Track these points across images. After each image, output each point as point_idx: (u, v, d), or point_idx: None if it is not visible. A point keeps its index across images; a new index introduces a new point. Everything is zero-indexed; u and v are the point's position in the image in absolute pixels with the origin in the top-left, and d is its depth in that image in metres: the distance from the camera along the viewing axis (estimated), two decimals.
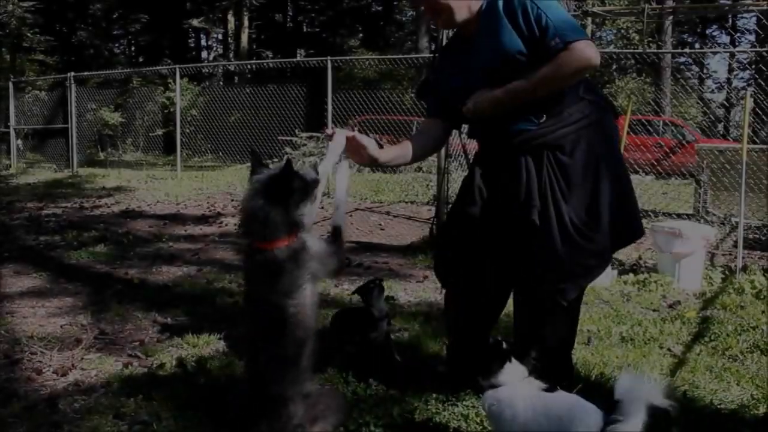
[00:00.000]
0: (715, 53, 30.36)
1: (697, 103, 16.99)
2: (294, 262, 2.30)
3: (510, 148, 2.54)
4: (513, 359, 2.16)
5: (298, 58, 22.29)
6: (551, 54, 2.37)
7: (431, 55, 3.35)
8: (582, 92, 2.53)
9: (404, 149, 2.75)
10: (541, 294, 2.58)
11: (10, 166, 15.78)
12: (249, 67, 20.22)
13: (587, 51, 2.36)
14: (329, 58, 11.54)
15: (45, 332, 3.77)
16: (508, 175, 2.54)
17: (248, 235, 2.36)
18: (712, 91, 30.11)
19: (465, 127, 3.05)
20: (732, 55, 24.83)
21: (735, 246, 5.88)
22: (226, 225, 7.95)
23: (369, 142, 2.59)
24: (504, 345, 2.18)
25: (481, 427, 2.52)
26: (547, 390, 2.17)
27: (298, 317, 2.32)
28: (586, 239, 2.49)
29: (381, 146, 2.66)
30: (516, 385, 2.14)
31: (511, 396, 2.12)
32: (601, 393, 2.78)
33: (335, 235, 2.46)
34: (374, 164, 2.73)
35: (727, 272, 5.32)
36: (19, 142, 16.88)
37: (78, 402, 2.81)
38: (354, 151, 2.62)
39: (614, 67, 25.53)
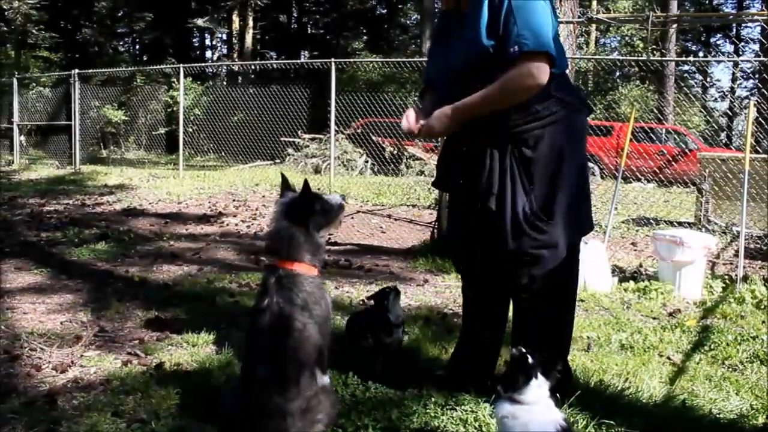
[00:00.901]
0: (719, 62, 30.38)
1: (700, 111, 16.98)
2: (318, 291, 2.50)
3: (476, 138, 2.60)
4: (539, 375, 2.14)
5: (302, 60, 22.32)
6: (505, 60, 2.41)
7: None
8: (553, 90, 2.55)
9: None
10: (504, 278, 2.70)
11: (13, 162, 15.80)
12: (253, 67, 20.23)
13: (533, 70, 2.40)
14: (333, 60, 11.55)
15: (45, 329, 3.77)
16: (473, 164, 2.62)
17: (273, 253, 2.52)
18: (716, 100, 30.18)
19: None
20: (736, 64, 24.88)
21: (736, 255, 5.89)
22: (228, 225, 7.96)
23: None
24: (530, 359, 2.16)
25: None
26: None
27: (304, 334, 2.37)
28: (536, 230, 2.56)
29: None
30: (535, 407, 2.12)
31: (528, 418, 2.10)
32: (600, 400, 2.79)
33: None
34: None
35: (727, 281, 5.32)
36: (22, 138, 16.89)
37: (77, 399, 2.81)
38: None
39: (618, 74, 25.57)
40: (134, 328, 3.84)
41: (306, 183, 2.48)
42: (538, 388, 2.14)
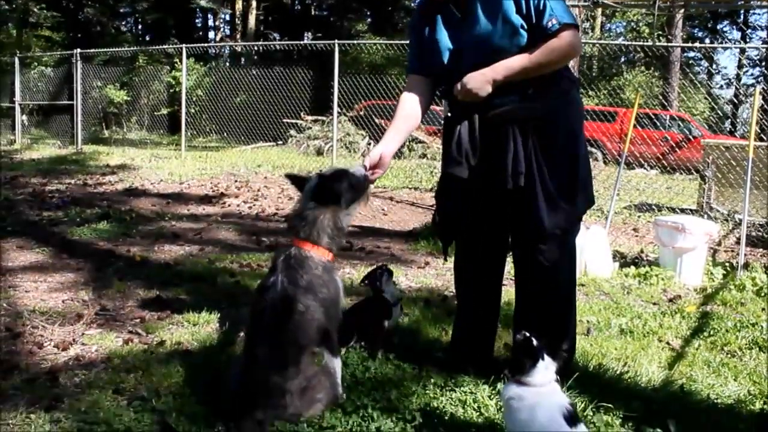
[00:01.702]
0: (725, 48, 30.22)
1: (705, 98, 16.89)
2: (328, 273, 2.50)
3: (495, 118, 2.61)
4: (546, 357, 2.15)
5: (306, 41, 22.19)
6: (544, 35, 2.48)
7: None
8: (563, 70, 2.68)
9: (408, 124, 2.86)
10: (525, 254, 2.74)
11: (15, 142, 15.78)
12: (256, 48, 20.09)
13: (574, 39, 2.55)
14: (336, 41, 11.48)
15: (47, 307, 3.79)
16: (495, 145, 2.63)
17: (292, 232, 2.54)
18: (721, 87, 30.01)
19: None
20: (742, 50, 24.75)
21: (737, 243, 5.89)
22: (229, 206, 7.96)
23: (385, 158, 2.72)
24: (534, 342, 2.18)
25: (477, 413, 2.53)
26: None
27: (305, 317, 2.40)
28: (567, 202, 2.64)
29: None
30: (542, 390, 2.13)
31: (534, 400, 2.11)
32: (599, 384, 2.80)
33: None
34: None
35: (728, 268, 5.32)
36: (24, 117, 16.86)
37: (78, 376, 2.83)
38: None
39: (623, 59, 25.42)
40: (135, 307, 3.85)
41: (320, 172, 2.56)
42: (545, 369, 2.15)
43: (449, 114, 2.85)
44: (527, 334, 2.22)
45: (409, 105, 2.82)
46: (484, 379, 2.76)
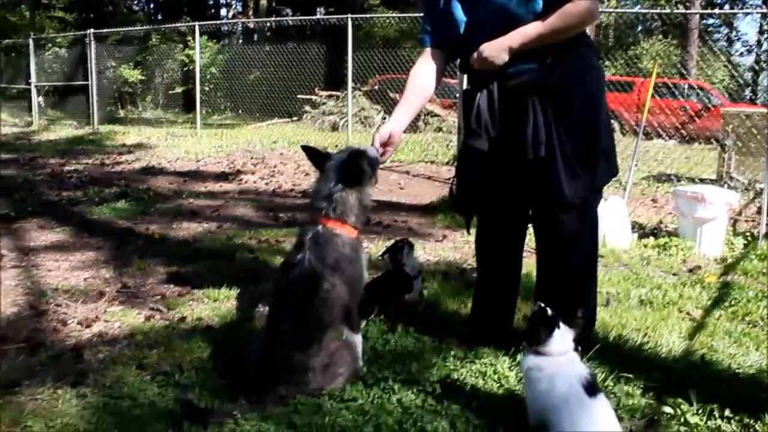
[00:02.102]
0: (746, 14, 29.61)
1: (725, 66, 16.61)
2: (353, 251, 2.52)
3: (514, 88, 2.58)
4: (562, 326, 2.16)
5: (318, 16, 22.04)
6: (559, 0, 2.43)
7: None
8: (581, 36, 2.63)
9: (420, 98, 2.85)
10: (545, 225, 2.73)
11: (32, 123, 15.90)
12: (268, 24, 20.00)
13: (591, 4, 2.48)
14: (350, 15, 11.40)
15: (69, 285, 3.83)
16: (514, 116, 2.59)
17: (317, 211, 2.53)
18: (741, 54, 29.46)
19: None
20: (764, 15, 24.21)
21: (759, 212, 5.81)
22: (246, 182, 7.99)
23: (395, 134, 2.75)
24: (549, 311, 2.19)
25: (497, 384, 2.54)
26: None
27: (331, 295, 2.42)
28: (588, 172, 2.61)
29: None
30: (560, 359, 2.14)
31: (553, 370, 2.12)
32: (619, 354, 2.80)
33: None
34: None
35: (749, 238, 5.26)
36: (40, 99, 16.95)
37: (102, 352, 2.87)
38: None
39: (640, 28, 25.01)
40: (156, 284, 3.89)
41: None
42: (562, 337, 2.15)
43: (468, 87, 2.82)
44: (542, 305, 2.22)
45: (421, 79, 2.80)
46: (504, 350, 2.77)
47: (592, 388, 2.08)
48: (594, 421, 2.03)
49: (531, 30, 2.47)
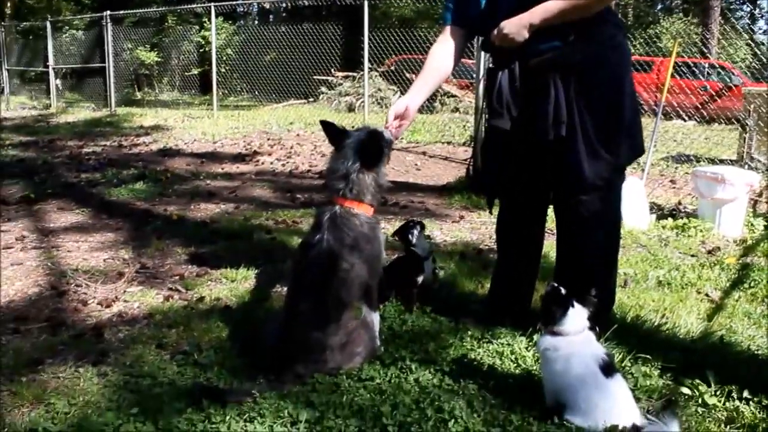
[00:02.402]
0: None
1: (747, 44, 16.31)
2: (371, 230, 2.52)
3: (536, 66, 2.55)
4: (576, 305, 2.16)
5: None
6: None
7: None
8: (606, 14, 2.56)
9: (437, 76, 2.83)
10: (566, 206, 2.70)
11: (50, 106, 16.00)
12: (284, 5, 19.91)
13: None
14: None
15: (89, 266, 3.88)
16: (536, 94, 2.56)
17: (334, 191, 2.53)
18: (765, 32, 28.92)
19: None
20: None
21: None
22: (263, 163, 8.01)
23: (411, 110, 2.72)
24: (563, 291, 2.19)
25: (515, 364, 2.54)
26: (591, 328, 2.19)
27: (350, 275, 2.43)
28: (609, 152, 2.58)
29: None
30: (576, 338, 2.15)
31: (569, 350, 2.12)
32: (636, 335, 2.79)
33: None
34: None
35: None
36: (58, 81, 17.06)
37: (122, 332, 2.91)
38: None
39: (659, 6, 24.63)
40: (174, 265, 3.92)
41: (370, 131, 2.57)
42: (577, 316, 2.15)
43: (491, 65, 2.80)
44: (555, 285, 2.22)
45: (439, 57, 2.78)
46: (521, 331, 2.77)
47: (608, 368, 2.08)
48: (610, 400, 2.03)
49: (552, 6, 2.44)
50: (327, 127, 2.64)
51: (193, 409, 2.18)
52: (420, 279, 3.12)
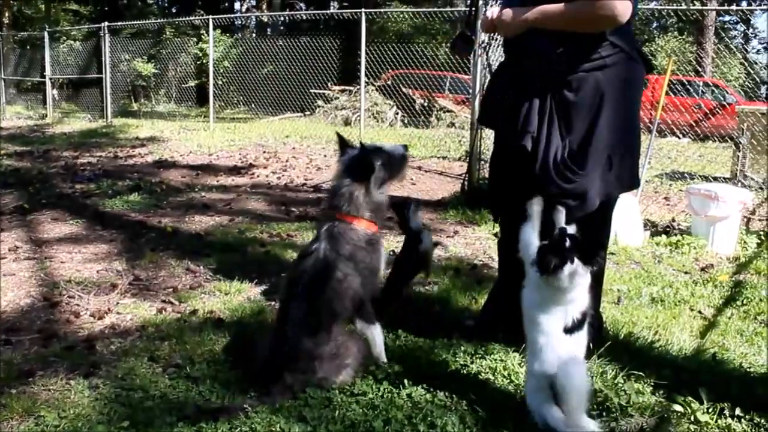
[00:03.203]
0: (764, 11, 29.24)
1: (741, 63, 16.44)
2: (370, 245, 2.54)
3: (523, 68, 2.55)
4: (575, 261, 2.04)
5: (332, 10, 22.03)
6: None
7: (466, 9, 3.29)
8: (610, 34, 2.46)
9: None
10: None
11: (46, 116, 15.99)
12: (282, 19, 20.06)
13: (618, 5, 2.32)
14: (363, 10, 11.38)
15: (82, 277, 3.87)
16: (515, 102, 2.55)
17: (333, 209, 2.56)
18: (758, 52, 29.11)
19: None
20: None
21: None
22: (258, 176, 8.00)
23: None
24: (568, 241, 2.07)
25: (508, 380, 2.54)
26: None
27: (343, 285, 2.43)
28: (563, 179, 2.49)
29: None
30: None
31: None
32: (629, 352, 2.79)
33: None
34: None
35: (762, 237, 5.22)
36: (55, 92, 17.05)
37: (114, 344, 2.90)
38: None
39: (655, 25, 24.81)
40: (168, 277, 3.91)
41: (362, 144, 2.58)
42: (574, 273, 2.05)
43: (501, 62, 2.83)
44: (567, 229, 2.10)
45: None
46: (515, 347, 2.76)
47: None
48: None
49: (550, 9, 2.42)
50: (340, 140, 2.69)
51: (184, 422, 2.17)
52: (421, 248, 3.16)
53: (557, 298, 2.11)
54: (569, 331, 2.12)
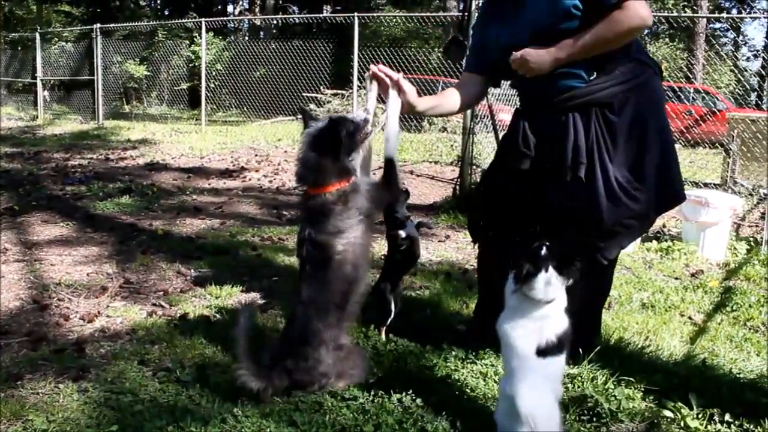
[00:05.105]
0: (754, 19, 29.45)
1: (731, 70, 16.55)
2: (344, 203, 2.44)
3: (558, 104, 2.50)
4: (550, 269, 2.00)
5: (325, 14, 22.03)
6: (605, 9, 2.32)
7: (459, 14, 3.29)
8: (633, 52, 2.49)
9: (442, 99, 2.78)
10: (580, 253, 2.54)
11: (37, 117, 15.92)
12: (275, 22, 20.03)
13: (642, 10, 2.32)
14: (356, 14, 11.40)
15: (72, 280, 3.85)
16: (556, 133, 2.50)
17: (302, 183, 2.52)
18: (748, 59, 29.30)
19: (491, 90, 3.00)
20: None
21: (762, 217, 5.81)
22: (250, 179, 8.00)
23: (410, 89, 2.59)
24: (543, 251, 2.01)
25: (498, 385, 2.54)
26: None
27: (346, 255, 2.42)
28: (631, 198, 2.48)
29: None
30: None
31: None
32: (620, 357, 2.80)
33: (388, 167, 2.56)
34: (411, 112, 2.70)
35: (752, 243, 5.26)
36: (46, 93, 16.97)
37: (104, 348, 2.88)
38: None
39: (646, 31, 24.91)
40: (158, 280, 3.90)
41: (331, 119, 2.46)
42: (549, 283, 2.01)
43: (518, 107, 2.78)
44: (546, 243, 2.04)
45: (448, 94, 2.77)
46: None
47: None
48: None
49: (580, 38, 2.37)
50: (303, 115, 2.65)
51: (174, 427, 2.16)
52: (403, 233, 3.06)
53: (531, 311, 2.04)
54: (543, 353, 2.02)
